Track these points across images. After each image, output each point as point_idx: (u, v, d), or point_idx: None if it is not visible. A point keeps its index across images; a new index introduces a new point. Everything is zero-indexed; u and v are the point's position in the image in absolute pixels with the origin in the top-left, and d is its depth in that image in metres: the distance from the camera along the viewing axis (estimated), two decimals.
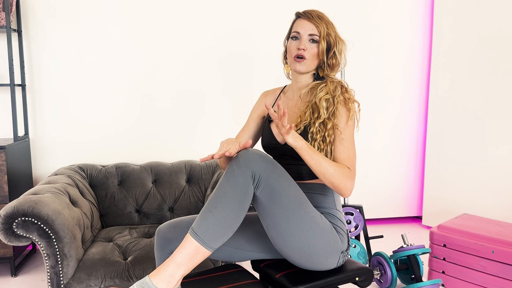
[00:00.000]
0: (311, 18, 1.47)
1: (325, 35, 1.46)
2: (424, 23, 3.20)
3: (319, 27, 1.46)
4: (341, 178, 1.34)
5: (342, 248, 1.43)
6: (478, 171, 2.93)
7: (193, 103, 2.89)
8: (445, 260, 2.17)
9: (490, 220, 2.27)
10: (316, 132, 1.41)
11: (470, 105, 2.94)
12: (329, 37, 1.47)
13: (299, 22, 1.50)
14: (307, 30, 1.47)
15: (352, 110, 1.44)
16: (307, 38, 1.47)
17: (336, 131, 1.42)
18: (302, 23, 1.49)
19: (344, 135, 1.42)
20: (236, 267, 1.56)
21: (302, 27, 1.48)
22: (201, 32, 2.85)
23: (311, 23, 1.47)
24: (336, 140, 1.42)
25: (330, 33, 1.47)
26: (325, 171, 1.33)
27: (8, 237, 1.71)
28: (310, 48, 1.47)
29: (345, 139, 1.41)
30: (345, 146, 1.41)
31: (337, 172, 1.34)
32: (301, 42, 1.47)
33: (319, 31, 1.46)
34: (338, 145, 1.41)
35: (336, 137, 1.42)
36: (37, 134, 2.75)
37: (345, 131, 1.42)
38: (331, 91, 1.45)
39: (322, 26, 1.46)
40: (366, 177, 3.24)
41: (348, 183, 1.36)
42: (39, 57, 2.69)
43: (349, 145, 1.42)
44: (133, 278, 1.80)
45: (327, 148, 1.41)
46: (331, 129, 1.41)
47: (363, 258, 2.33)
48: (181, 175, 2.51)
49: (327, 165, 1.33)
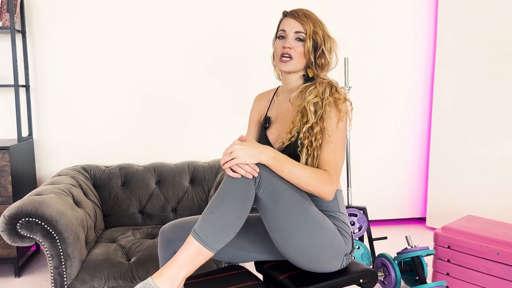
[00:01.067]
0: (297, 16, 1.44)
1: (311, 33, 1.43)
2: (428, 22, 3.18)
3: (305, 25, 1.43)
4: (317, 184, 1.31)
5: (346, 250, 1.42)
6: (482, 172, 2.91)
7: (195, 103, 2.89)
8: (450, 262, 2.16)
9: (495, 222, 2.25)
10: (304, 138, 1.38)
11: (475, 106, 2.92)
12: (316, 35, 1.43)
13: (286, 21, 1.47)
14: (293, 28, 1.44)
15: (343, 110, 1.39)
16: (293, 37, 1.44)
17: (324, 134, 1.38)
18: (288, 21, 1.46)
19: (332, 137, 1.38)
20: (239, 269, 1.55)
21: (288, 25, 1.45)
22: (202, 32, 2.85)
23: (297, 21, 1.44)
24: (323, 143, 1.38)
25: (317, 31, 1.44)
26: (298, 181, 1.30)
27: (12, 238, 1.71)
28: (296, 46, 1.44)
29: (333, 141, 1.38)
30: (331, 148, 1.37)
31: (312, 180, 1.30)
32: (286, 40, 1.44)
33: (305, 29, 1.43)
34: (325, 147, 1.38)
35: (323, 139, 1.38)
36: (41, 135, 2.75)
37: (333, 133, 1.38)
38: (320, 93, 1.41)
39: (309, 24, 1.43)
40: (370, 178, 3.23)
41: (326, 188, 1.32)
42: (43, 58, 2.70)
43: (336, 147, 1.38)
44: (136, 279, 1.80)
45: (314, 153, 1.37)
46: (318, 133, 1.38)
47: (367, 260, 2.32)
48: (184, 176, 2.50)
49: (300, 174, 1.30)
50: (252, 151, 1.27)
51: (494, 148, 2.85)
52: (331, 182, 1.34)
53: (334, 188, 1.35)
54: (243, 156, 1.26)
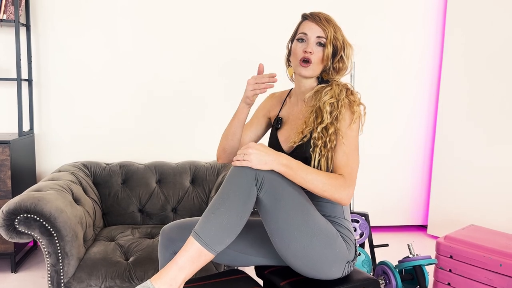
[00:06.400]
0: (318, 20, 1.43)
1: (332, 39, 1.42)
2: (436, 27, 3.16)
3: (326, 31, 1.41)
4: (332, 189, 1.30)
5: (348, 257, 1.40)
6: (486, 181, 2.88)
7: (198, 103, 2.87)
8: (451, 272, 2.13)
9: (498, 232, 2.23)
10: (318, 138, 1.37)
11: (479, 114, 2.90)
12: (336, 41, 1.43)
13: (306, 24, 1.45)
14: (314, 32, 1.42)
15: (357, 113, 1.39)
16: (314, 41, 1.42)
17: (338, 135, 1.37)
18: (309, 25, 1.44)
19: (345, 139, 1.37)
20: (239, 273, 1.53)
21: (310, 29, 1.43)
22: (207, 33, 2.83)
23: (318, 26, 1.42)
24: (337, 145, 1.37)
25: (337, 37, 1.43)
26: (312, 187, 1.30)
27: (10, 234, 1.69)
28: (317, 51, 1.42)
29: (346, 144, 1.37)
30: (344, 151, 1.36)
31: (326, 185, 1.30)
32: (308, 44, 1.42)
33: (326, 35, 1.41)
34: (339, 150, 1.37)
35: (337, 142, 1.37)
36: (42, 130, 2.73)
37: (347, 135, 1.37)
38: (336, 94, 1.40)
39: (330, 30, 1.42)
40: (372, 184, 3.20)
41: (343, 193, 1.32)
42: (47, 53, 2.68)
43: (349, 150, 1.37)
44: (134, 279, 1.78)
45: (328, 154, 1.36)
46: (333, 134, 1.36)
47: (368, 267, 2.30)
48: (185, 176, 2.48)
49: (315, 180, 1.29)
50: (265, 157, 1.27)
51: (499, 157, 2.82)
52: (347, 186, 1.33)
53: (351, 193, 1.34)
54: (255, 161, 1.26)
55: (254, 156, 1.26)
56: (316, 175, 1.30)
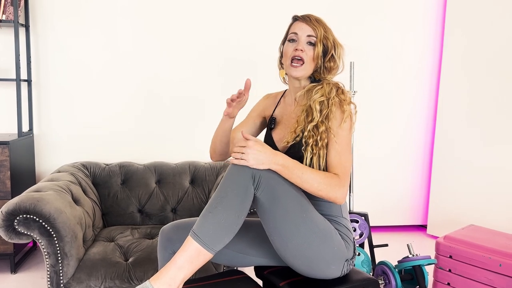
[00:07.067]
0: (308, 20, 1.46)
1: (322, 37, 1.44)
2: (435, 27, 3.16)
3: (317, 30, 1.44)
4: (328, 189, 1.31)
5: (347, 256, 1.40)
6: (486, 181, 2.88)
7: (198, 103, 2.86)
8: (451, 272, 2.13)
9: (498, 232, 2.23)
10: (309, 136, 1.38)
11: (479, 114, 2.90)
12: (326, 40, 1.45)
13: (297, 25, 1.48)
14: (305, 31, 1.45)
15: (347, 111, 1.39)
16: (305, 40, 1.45)
17: (330, 134, 1.38)
18: (300, 25, 1.46)
19: (337, 138, 1.37)
20: (239, 273, 1.53)
21: (300, 29, 1.46)
22: (207, 33, 2.83)
23: (308, 25, 1.45)
24: (329, 144, 1.38)
25: (327, 37, 1.45)
26: (308, 186, 1.31)
27: (9, 234, 1.69)
28: (308, 50, 1.44)
29: (338, 143, 1.37)
30: (337, 150, 1.37)
31: (322, 184, 1.30)
32: (298, 43, 1.45)
33: (316, 34, 1.44)
34: (331, 149, 1.37)
35: (329, 140, 1.38)
36: (41, 130, 2.73)
37: (338, 134, 1.38)
38: (326, 93, 1.41)
39: (320, 29, 1.44)
40: (372, 184, 3.20)
41: (338, 192, 1.32)
42: (46, 53, 2.68)
43: (341, 149, 1.37)
44: (134, 280, 1.78)
45: (319, 152, 1.37)
46: (324, 132, 1.37)
47: (367, 267, 2.30)
48: (185, 176, 2.48)
49: (310, 179, 1.30)
50: (262, 157, 1.27)
51: (499, 157, 2.82)
52: (341, 185, 1.34)
53: (345, 192, 1.35)
54: (252, 160, 1.27)
55: (251, 156, 1.27)
56: (312, 174, 1.31)
